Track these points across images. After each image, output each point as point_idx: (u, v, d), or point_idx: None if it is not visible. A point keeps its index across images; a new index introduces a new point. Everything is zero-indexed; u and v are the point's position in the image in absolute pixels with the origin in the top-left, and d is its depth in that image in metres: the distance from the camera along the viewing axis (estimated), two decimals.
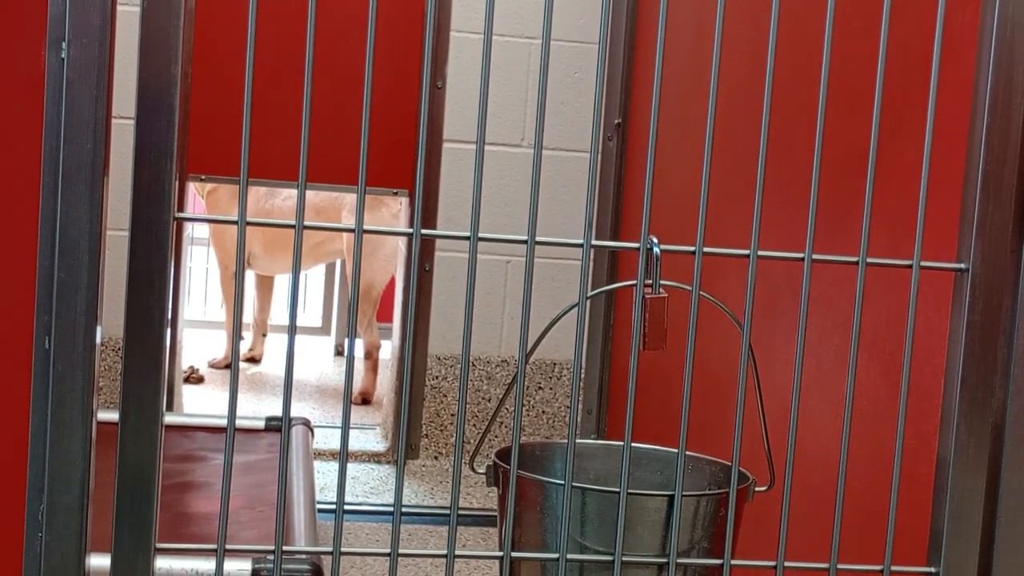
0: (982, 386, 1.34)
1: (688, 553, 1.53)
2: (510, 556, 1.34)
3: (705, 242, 1.31)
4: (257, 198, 5.39)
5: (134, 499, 1.23)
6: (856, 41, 2.18)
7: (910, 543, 1.52)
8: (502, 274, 4.44)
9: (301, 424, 3.50)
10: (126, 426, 1.22)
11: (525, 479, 1.55)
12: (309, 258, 5.63)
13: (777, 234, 2.46)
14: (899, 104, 2.01)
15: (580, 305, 1.30)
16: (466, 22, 4.36)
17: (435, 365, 4.47)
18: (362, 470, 4.41)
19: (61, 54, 1.19)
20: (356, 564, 3.47)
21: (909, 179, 2.02)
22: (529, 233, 1.27)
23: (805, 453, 2.25)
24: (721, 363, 2.92)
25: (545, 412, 4.55)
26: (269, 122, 4.10)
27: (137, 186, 1.20)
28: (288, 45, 3.99)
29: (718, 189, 2.86)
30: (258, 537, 2.64)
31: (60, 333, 1.21)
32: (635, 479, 1.71)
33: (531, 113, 4.40)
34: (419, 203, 1.26)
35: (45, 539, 1.23)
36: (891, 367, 2.04)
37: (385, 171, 4.38)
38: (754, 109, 2.83)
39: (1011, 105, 1.32)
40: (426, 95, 1.26)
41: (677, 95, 3.52)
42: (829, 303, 2.28)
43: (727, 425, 2.84)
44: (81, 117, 1.20)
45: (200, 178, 4.48)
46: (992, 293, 1.34)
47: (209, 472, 3.13)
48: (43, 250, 1.21)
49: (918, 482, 1.75)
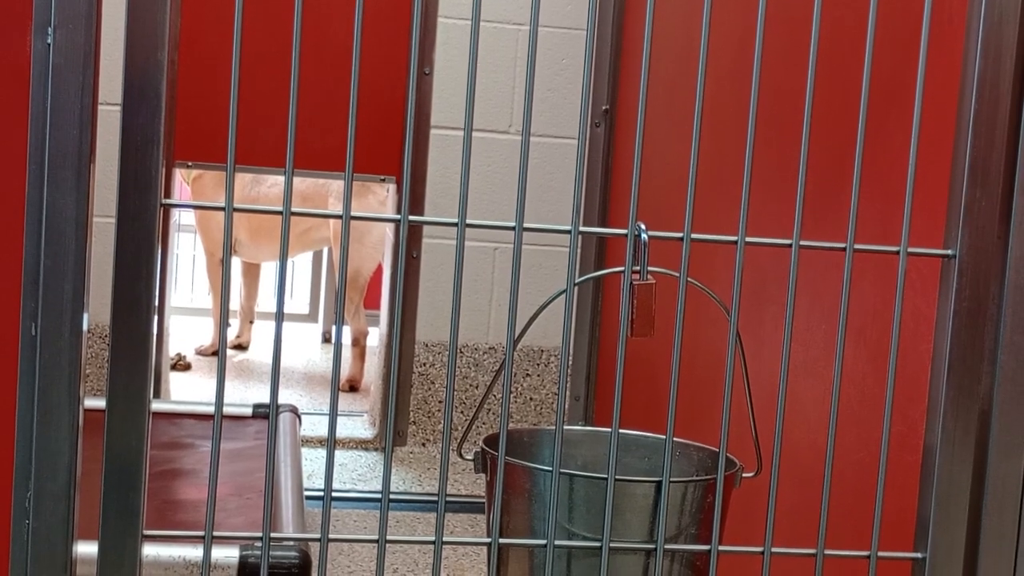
0: (969, 373, 1.35)
1: (675, 539, 1.53)
2: (498, 542, 1.35)
3: (693, 228, 1.30)
4: (243, 185, 5.38)
5: (121, 486, 1.23)
6: (844, 26, 2.18)
7: (897, 529, 1.52)
8: (489, 261, 4.44)
9: (288, 411, 3.49)
10: (113, 413, 1.22)
11: (513, 466, 1.55)
12: (296, 245, 5.62)
13: (765, 221, 2.46)
14: (887, 90, 2.01)
15: (568, 292, 1.30)
16: (453, 8, 4.35)
17: (423, 352, 4.47)
18: (350, 457, 4.41)
19: (47, 39, 1.18)
20: (344, 551, 3.47)
21: (897, 165, 2.02)
22: (517, 219, 1.27)
23: (792, 439, 2.26)
24: (709, 350, 2.93)
25: (533, 399, 4.55)
26: (255, 108, 4.09)
27: (124, 172, 1.20)
28: (275, 31, 3.98)
29: (706, 175, 2.86)
30: (246, 524, 2.63)
31: (47, 320, 1.21)
32: (623, 465, 1.71)
33: (519, 99, 4.40)
34: (406, 190, 1.26)
35: (32, 526, 1.23)
36: (878, 353, 2.05)
37: (372, 158, 4.37)
38: (742, 95, 2.83)
39: (999, 91, 1.32)
40: (413, 81, 1.26)
41: (665, 81, 3.52)
42: (817, 290, 2.28)
43: (715, 411, 2.84)
44: (67, 103, 1.19)
45: (187, 165, 4.47)
46: (979, 279, 1.34)
47: (196, 459, 3.13)
48: (29, 237, 1.20)
49: (905, 468, 1.76)
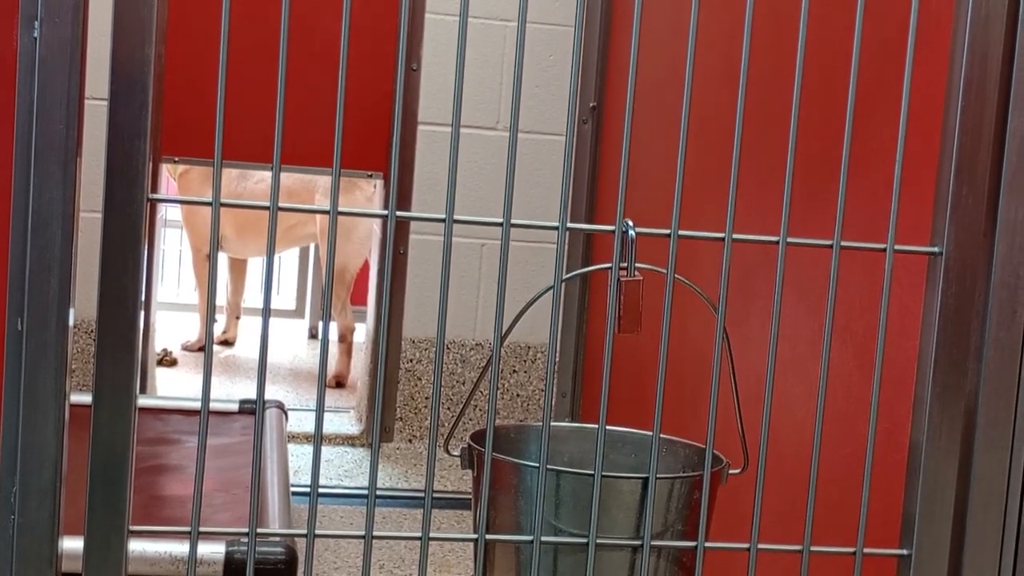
0: (955, 369, 1.35)
1: (662, 535, 1.53)
2: (484, 538, 1.35)
3: (680, 225, 1.30)
4: (229, 181, 5.37)
5: (107, 482, 1.22)
6: (832, 24, 2.18)
7: (883, 526, 1.52)
8: (477, 257, 4.44)
9: (275, 407, 3.49)
10: (99, 408, 1.22)
11: (500, 462, 1.55)
12: (282, 241, 5.61)
13: (752, 217, 2.46)
14: (874, 87, 2.01)
15: (556, 288, 1.30)
16: (441, 4, 4.35)
17: (409, 348, 4.46)
18: (336, 453, 4.40)
19: (34, 33, 1.18)
20: (330, 547, 3.47)
21: (884, 162, 2.03)
22: (504, 216, 1.27)
23: (779, 436, 2.26)
24: (695, 346, 2.93)
25: (520, 395, 4.55)
26: (242, 104, 4.08)
27: (110, 167, 1.19)
28: (262, 26, 3.98)
29: (694, 172, 2.87)
30: (232, 520, 2.63)
31: (32, 314, 1.21)
32: (609, 462, 1.71)
33: (506, 96, 4.40)
34: (394, 185, 1.26)
35: (17, 521, 1.22)
36: (865, 350, 2.05)
37: (359, 153, 4.37)
38: (730, 92, 2.83)
39: (985, 88, 1.32)
40: (401, 77, 1.26)
41: (653, 78, 3.52)
42: (803, 286, 2.29)
43: (701, 408, 2.85)
44: (54, 97, 1.19)
45: (173, 160, 4.46)
46: (965, 276, 1.34)
47: (183, 455, 3.12)
48: (15, 231, 1.20)
49: (891, 465, 1.76)
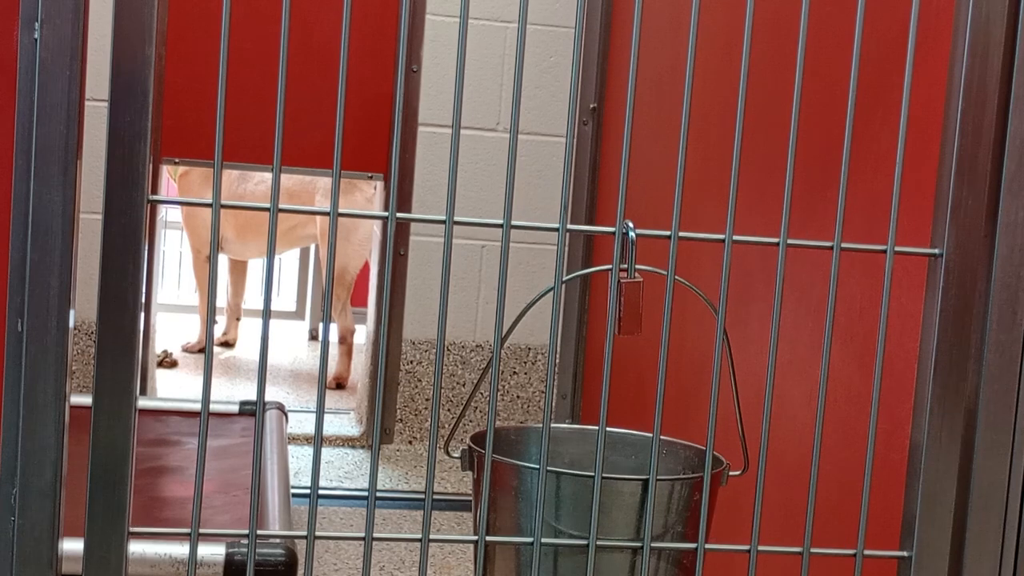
0: (955, 371, 1.35)
1: (662, 537, 1.53)
2: (484, 540, 1.34)
3: (681, 227, 1.30)
4: (229, 183, 5.37)
5: (107, 483, 1.22)
6: (832, 25, 2.18)
7: (883, 528, 1.52)
8: (477, 258, 4.44)
9: (275, 408, 3.49)
10: (99, 410, 1.22)
11: (500, 463, 1.55)
12: (282, 242, 5.62)
13: (753, 219, 2.46)
14: (875, 89, 2.01)
15: (556, 289, 1.30)
16: (441, 5, 4.35)
17: (410, 350, 4.46)
18: (336, 454, 4.40)
19: (34, 34, 1.18)
20: (330, 548, 3.47)
21: (884, 164, 2.03)
22: (505, 217, 1.27)
23: (779, 438, 2.26)
24: (696, 348, 2.93)
25: (520, 397, 4.55)
26: (243, 105, 4.09)
27: (111, 168, 1.19)
28: (262, 28, 3.98)
29: (694, 174, 2.87)
30: (232, 521, 2.63)
31: (33, 316, 1.20)
32: (610, 463, 1.71)
33: (507, 97, 4.40)
34: (394, 187, 1.26)
35: (18, 523, 1.22)
36: (865, 352, 2.05)
37: (360, 155, 4.37)
38: (730, 94, 2.83)
39: (986, 90, 1.32)
40: (401, 78, 1.26)
41: (653, 80, 3.52)
42: (803, 288, 2.29)
43: (701, 410, 2.85)
44: (54, 98, 1.19)
45: (173, 161, 4.46)
46: (966, 278, 1.34)
47: (183, 456, 3.12)
48: (16, 232, 1.20)
49: (891, 467, 1.76)
